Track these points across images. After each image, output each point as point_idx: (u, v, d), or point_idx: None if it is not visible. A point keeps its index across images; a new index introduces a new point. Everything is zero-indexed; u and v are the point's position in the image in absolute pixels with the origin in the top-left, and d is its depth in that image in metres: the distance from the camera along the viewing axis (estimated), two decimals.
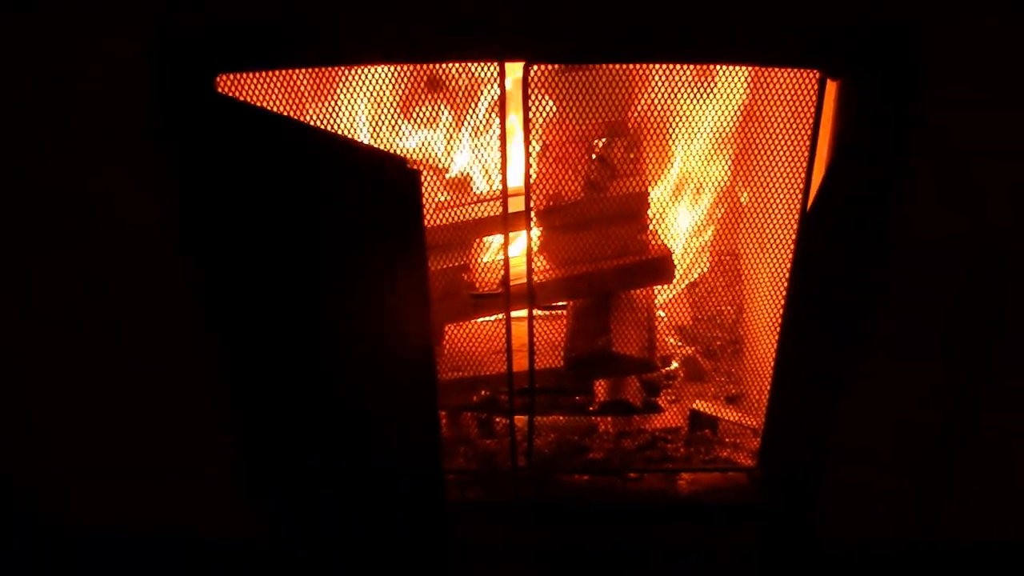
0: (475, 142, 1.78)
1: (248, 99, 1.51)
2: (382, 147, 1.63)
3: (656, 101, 1.57)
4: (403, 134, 1.68)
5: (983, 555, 1.81)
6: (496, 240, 1.98)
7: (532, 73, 1.44)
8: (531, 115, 1.50)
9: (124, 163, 1.39)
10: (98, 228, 1.46)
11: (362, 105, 1.58)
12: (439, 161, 1.87)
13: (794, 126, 1.56)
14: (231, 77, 1.44)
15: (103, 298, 1.53)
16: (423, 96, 1.68)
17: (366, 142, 1.64)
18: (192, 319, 1.54)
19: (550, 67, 1.47)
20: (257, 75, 1.48)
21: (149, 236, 1.46)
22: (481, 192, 1.95)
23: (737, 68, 1.59)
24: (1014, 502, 1.76)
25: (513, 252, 1.77)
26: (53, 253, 1.50)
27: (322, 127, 1.54)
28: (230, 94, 1.43)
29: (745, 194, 1.82)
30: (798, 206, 1.59)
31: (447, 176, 1.91)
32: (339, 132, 1.58)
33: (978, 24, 1.27)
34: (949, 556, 1.82)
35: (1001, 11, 1.26)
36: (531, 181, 1.58)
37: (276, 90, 1.54)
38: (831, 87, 1.45)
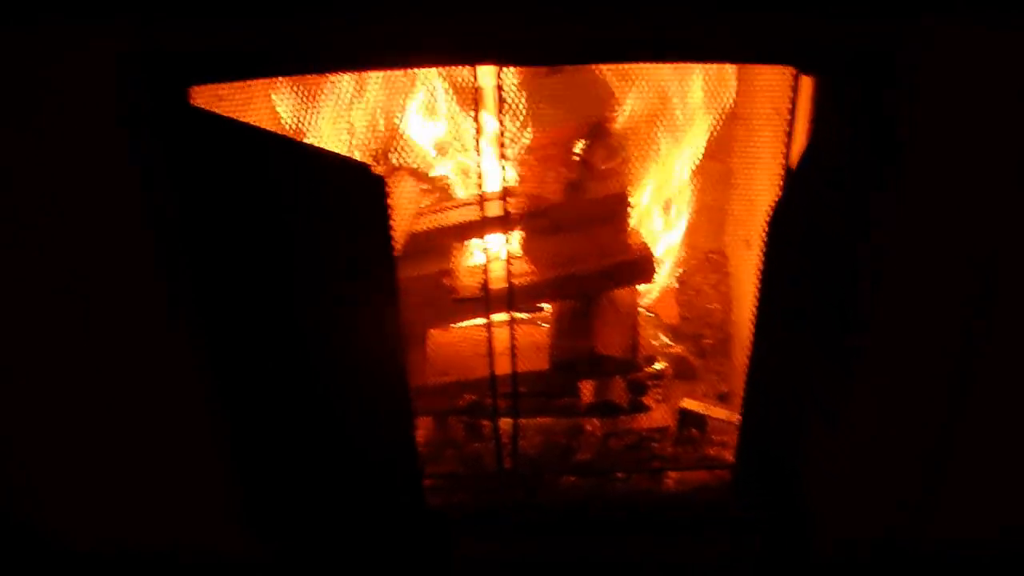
0: (452, 146, 1.78)
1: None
2: (358, 153, 1.63)
3: (634, 100, 1.57)
4: (380, 139, 1.68)
5: (982, 559, 1.79)
6: (477, 243, 1.98)
7: (503, 76, 1.44)
8: (506, 118, 1.50)
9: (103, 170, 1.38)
10: (82, 238, 1.44)
11: (336, 110, 1.58)
12: (418, 166, 1.87)
13: (772, 119, 1.55)
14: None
15: (88, 312, 1.52)
16: (400, 100, 1.68)
17: (343, 148, 1.63)
18: (185, 328, 1.53)
19: (524, 70, 1.47)
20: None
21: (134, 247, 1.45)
22: (461, 197, 1.95)
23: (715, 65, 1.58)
24: (1014, 506, 1.73)
25: (493, 255, 1.77)
26: (40, 261, 1.48)
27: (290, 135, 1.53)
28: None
29: (727, 189, 1.81)
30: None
31: (426, 181, 1.91)
32: (309, 137, 1.58)
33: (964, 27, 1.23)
34: (944, 561, 1.80)
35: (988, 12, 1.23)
36: (508, 184, 1.57)
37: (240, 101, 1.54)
38: (806, 82, 1.44)
